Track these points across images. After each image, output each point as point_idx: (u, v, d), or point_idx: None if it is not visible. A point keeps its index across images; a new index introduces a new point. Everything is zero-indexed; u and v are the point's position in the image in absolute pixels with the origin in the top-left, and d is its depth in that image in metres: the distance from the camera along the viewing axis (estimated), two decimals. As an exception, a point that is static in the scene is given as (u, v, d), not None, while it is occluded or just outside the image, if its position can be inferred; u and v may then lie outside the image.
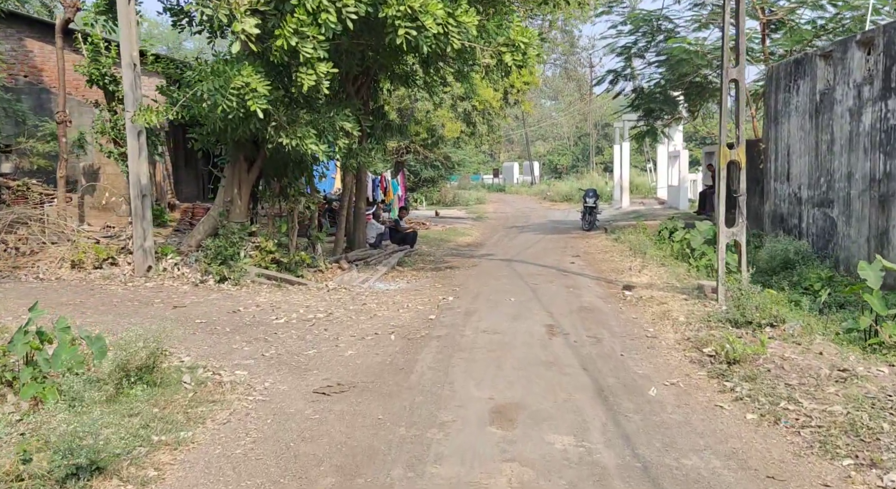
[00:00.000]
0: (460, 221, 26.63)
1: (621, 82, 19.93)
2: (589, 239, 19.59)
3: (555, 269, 13.66)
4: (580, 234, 21.30)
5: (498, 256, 16.43)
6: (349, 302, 10.35)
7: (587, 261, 14.84)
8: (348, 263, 13.93)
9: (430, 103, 23.19)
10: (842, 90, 12.59)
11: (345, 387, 6.15)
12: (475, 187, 51.68)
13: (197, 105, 10.64)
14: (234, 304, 9.74)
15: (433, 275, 13.70)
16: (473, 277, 13.00)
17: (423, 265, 15.24)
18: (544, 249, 17.41)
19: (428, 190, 38.67)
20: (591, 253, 16.41)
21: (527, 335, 8.09)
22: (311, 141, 10.95)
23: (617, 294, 10.83)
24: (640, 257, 14.53)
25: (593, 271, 13.37)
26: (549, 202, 38.19)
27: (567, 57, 50.02)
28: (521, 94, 25.31)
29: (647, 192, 36.36)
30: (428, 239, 19.96)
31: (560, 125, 66.37)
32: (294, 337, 8.02)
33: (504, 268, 14.14)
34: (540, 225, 25.28)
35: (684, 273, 12.28)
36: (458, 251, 17.92)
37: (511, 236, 21.46)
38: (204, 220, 12.87)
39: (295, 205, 12.71)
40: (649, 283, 11.47)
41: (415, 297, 10.88)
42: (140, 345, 5.58)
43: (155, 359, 5.86)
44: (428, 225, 23.50)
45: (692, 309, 9.23)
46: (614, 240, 18.14)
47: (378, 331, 8.42)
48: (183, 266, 11.88)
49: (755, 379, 6.13)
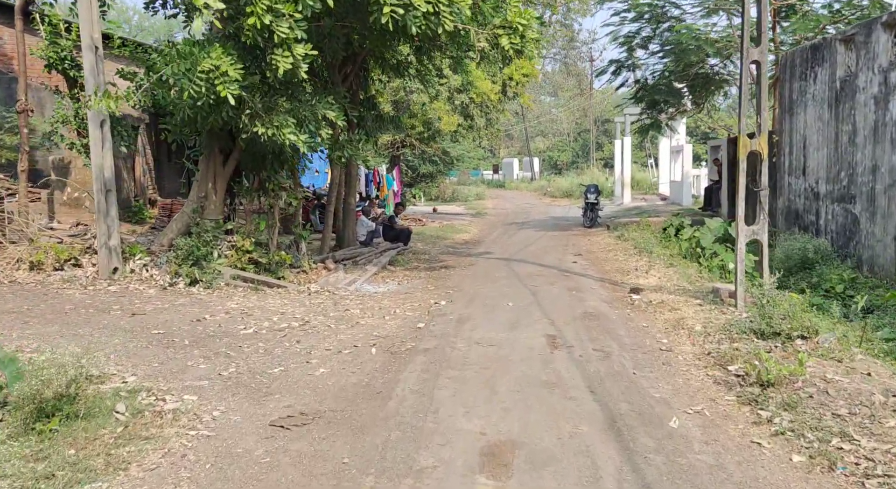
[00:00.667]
0: (458, 218, 25.60)
1: (624, 73, 18.89)
2: (591, 236, 18.55)
3: (556, 270, 12.63)
4: (581, 231, 20.27)
5: (496, 255, 15.40)
6: (330, 307, 9.32)
7: (590, 261, 13.81)
8: (335, 263, 12.90)
9: (425, 95, 22.15)
10: (865, 76, 11.54)
11: (308, 418, 5.13)
12: (474, 183, 50.65)
13: (162, 91, 9.61)
14: (202, 311, 8.71)
15: (426, 275, 12.67)
16: (469, 278, 11.98)
17: (416, 264, 14.22)
18: (544, 247, 16.38)
19: (426, 185, 37.63)
20: (593, 251, 15.38)
21: (526, 348, 7.07)
22: (289, 130, 9.93)
23: (624, 298, 9.80)
24: (645, 256, 13.49)
25: (597, 272, 12.34)
26: (549, 198, 37.14)
27: (567, 51, 48.92)
28: (520, 87, 24.26)
29: (648, 188, 35.31)
30: (423, 236, 18.93)
31: (560, 121, 65.27)
32: (261, 351, 7.00)
33: (502, 268, 13.11)
34: (540, 221, 24.24)
35: (695, 274, 11.25)
36: (455, 249, 16.89)
37: (510, 233, 20.43)
38: (177, 217, 11.84)
39: (275, 200, 11.67)
40: (658, 286, 10.45)
41: (404, 302, 9.86)
42: (53, 371, 4.55)
43: (77, 386, 4.83)
44: (424, 221, 22.47)
45: (709, 316, 8.21)
46: (617, 237, 17.10)
47: (358, 342, 7.40)
48: (152, 267, 10.86)
49: (795, 407, 5.10)
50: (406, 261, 14.46)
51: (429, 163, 36.50)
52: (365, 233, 15.08)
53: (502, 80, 23.46)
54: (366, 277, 12.12)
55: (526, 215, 27.21)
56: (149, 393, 5.61)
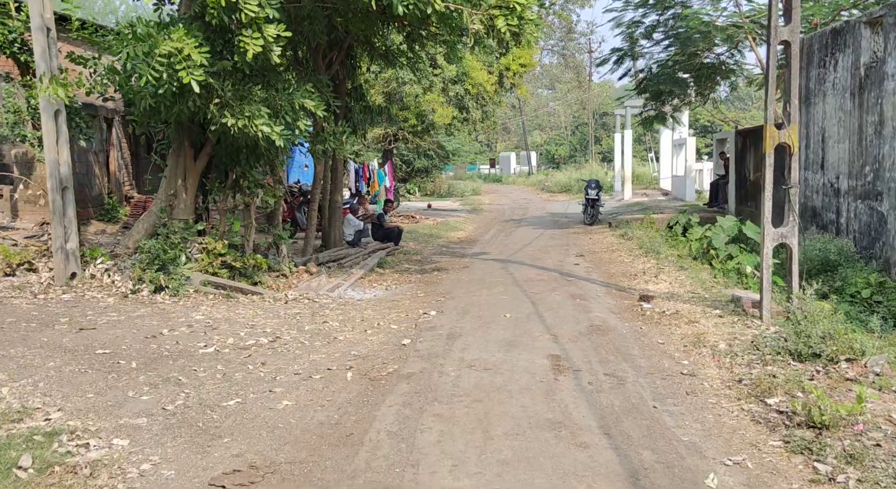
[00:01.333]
0: (454, 214, 24.58)
1: (627, 62, 17.83)
2: (592, 234, 17.54)
3: (557, 273, 11.62)
4: (582, 228, 19.26)
5: (492, 255, 14.39)
6: (307, 319, 8.31)
7: (593, 263, 12.80)
8: (318, 266, 11.88)
9: (419, 87, 21.10)
10: (895, 63, 10.52)
11: (259, 474, 4.12)
12: (471, 178, 49.63)
13: (119, 77, 8.58)
14: (161, 324, 7.70)
15: (417, 279, 11.67)
16: (463, 284, 10.97)
17: (407, 266, 13.21)
18: (544, 247, 15.37)
19: (421, 180, 36.58)
20: (596, 252, 14.37)
21: (526, 372, 6.06)
22: (262, 121, 8.90)
23: (633, 307, 8.80)
24: (653, 258, 12.49)
25: (601, 275, 11.33)
26: (547, 193, 36.13)
27: (565, 43, 47.78)
28: (518, 78, 23.23)
29: (649, 183, 34.29)
30: (416, 234, 17.91)
31: (557, 114, 64.20)
32: (218, 376, 5.98)
33: (499, 272, 12.10)
34: (538, 218, 23.22)
35: (709, 279, 10.26)
36: (449, 249, 15.88)
37: (507, 231, 19.42)
38: (144, 216, 10.81)
39: (251, 198, 10.64)
40: (670, 293, 9.45)
41: (389, 311, 8.85)
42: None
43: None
44: (418, 218, 21.45)
45: (732, 331, 7.21)
46: (621, 236, 16.09)
47: (333, 364, 6.40)
48: (115, 272, 9.82)
49: (862, 459, 4.11)
50: (396, 263, 13.44)
51: (424, 157, 35.44)
52: (352, 232, 14.05)
53: (499, 71, 22.44)
54: (350, 282, 11.10)
55: (523, 211, 26.20)
56: (71, 435, 4.61)
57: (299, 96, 9.43)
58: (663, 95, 17.59)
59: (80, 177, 13.95)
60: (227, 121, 8.84)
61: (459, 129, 22.61)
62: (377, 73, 21.49)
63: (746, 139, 17.64)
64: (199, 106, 8.99)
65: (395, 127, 22.45)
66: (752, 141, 17.25)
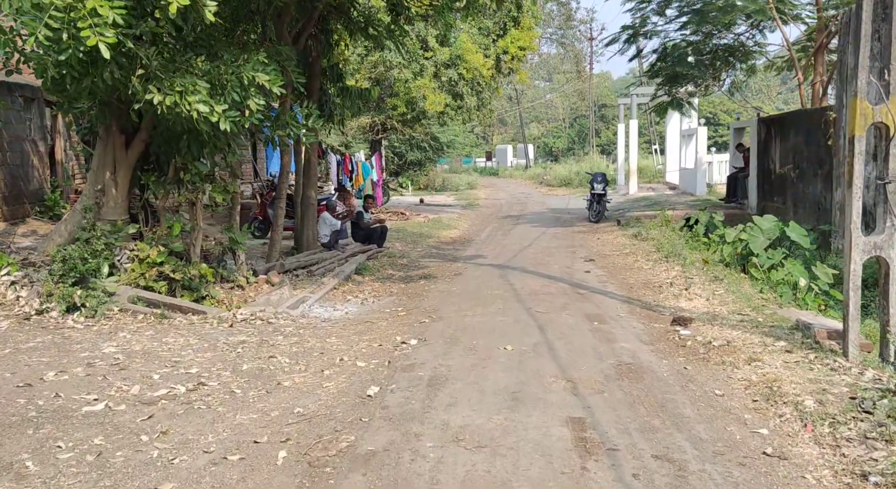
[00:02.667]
0: (447, 210, 22.62)
1: (639, 41, 15.85)
2: (600, 233, 15.61)
3: (565, 283, 9.69)
4: (587, 226, 17.32)
5: (489, 259, 12.45)
6: (250, 351, 6.37)
7: (607, 269, 10.87)
8: (283, 274, 9.95)
9: (408, 71, 19.11)
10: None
11: None
12: (466, 171, 47.67)
13: (4, 38, 6.61)
14: (53, 361, 5.76)
15: (400, 290, 9.74)
16: (454, 297, 9.04)
17: (390, 272, 11.28)
18: (547, 249, 13.44)
19: (414, 174, 34.60)
20: (607, 255, 12.44)
21: (539, 453, 4.13)
22: (198, 98, 6.96)
23: (667, 333, 6.88)
24: (676, 264, 10.58)
25: (619, 287, 9.41)
26: (545, 187, 34.16)
27: (564, 30, 45.70)
28: (517, 62, 21.24)
29: (653, 177, 32.31)
30: (404, 234, 15.96)
31: (555, 106, 62.19)
32: (89, 458, 4.05)
33: (496, 281, 10.17)
34: (538, 215, 21.28)
35: (754, 294, 8.34)
36: (440, 251, 13.93)
37: (505, 229, 17.48)
38: (67, 216, 8.86)
39: (195, 195, 8.68)
40: (710, 313, 7.53)
41: (359, 338, 6.92)
42: None
43: None
44: (408, 215, 19.49)
45: (815, 376, 5.29)
46: (633, 236, 14.16)
47: (264, 432, 4.47)
48: (23, 286, 7.87)
49: None
50: (377, 269, 11.50)
51: (417, 149, 33.44)
52: (328, 233, 12.09)
53: (496, 54, 20.46)
54: (319, 295, 9.16)
55: (522, 207, 24.25)
56: None
57: (250, 69, 7.47)
58: (679, 79, 15.63)
59: (12, 168, 11.97)
60: (152, 97, 6.89)
61: (453, 119, 20.62)
62: (363, 55, 19.53)
63: (771, 128, 15.71)
64: (119, 79, 7.04)
65: (382, 115, 20.46)
66: (777, 129, 15.32)
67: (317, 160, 12.24)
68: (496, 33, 20.27)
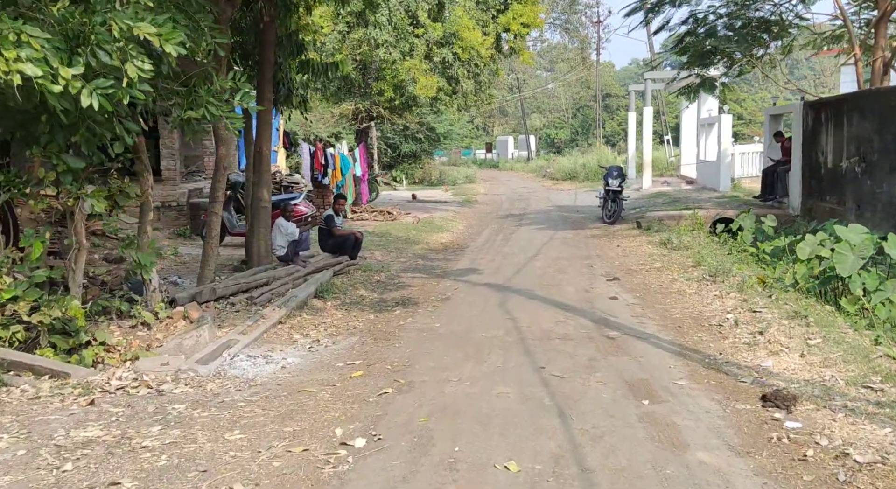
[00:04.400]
0: (441, 207, 20.01)
1: (666, 10, 13.20)
2: (618, 238, 13.00)
3: (587, 319, 7.10)
4: (602, 229, 14.72)
5: (485, 276, 9.87)
6: (87, 468, 3.81)
7: (638, 294, 8.26)
8: (216, 301, 7.41)
9: (396, 50, 16.46)
10: None
11: None
12: (465, 163, 45.03)
13: None
14: None
15: (365, 327, 7.19)
16: (435, 343, 6.46)
17: (361, 295, 8.73)
18: (557, 261, 10.84)
19: (409, 167, 31.93)
20: (633, 270, 9.83)
21: None
22: (31, 54, 4.40)
23: (763, 425, 4.30)
24: (729, 286, 8.00)
25: (662, 324, 6.81)
26: (549, 181, 31.49)
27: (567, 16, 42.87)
28: (520, 41, 18.59)
29: (664, 169, 29.61)
30: (388, 238, 13.38)
31: (557, 97, 59.38)
32: None
33: (493, 312, 7.58)
34: (543, 213, 18.65)
35: (867, 345, 5.72)
36: (427, 262, 11.36)
37: (506, 232, 14.88)
38: None
39: (73, 200, 6.10)
40: (815, 382, 4.94)
41: (276, 437, 4.32)
42: None
43: None
44: (395, 214, 16.89)
45: None
46: (661, 243, 11.56)
47: None
48: None
49: None
50: (345, 289, 8.93)
51: (411, 141, 30.79)
52: (284, 244, 9.50)
53: (496, 32, 17.79)
54: (252, 336, 6.60)
55: (524, 204, 21.62)
56: None
57: (124, 18, 4.89)
58: (712, 55, 12.99)
59: None
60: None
61: (447, 105, 18.00)
62: (344, 33, 16.90)
63: (821, 113, 13.07)
64: None
65: (367, 102, 17.84)
66: (831, 114, 12.68)
67: (271, 151, 9.67)
68: (496, 8, 17.61)
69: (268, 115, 9.39)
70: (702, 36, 12.89)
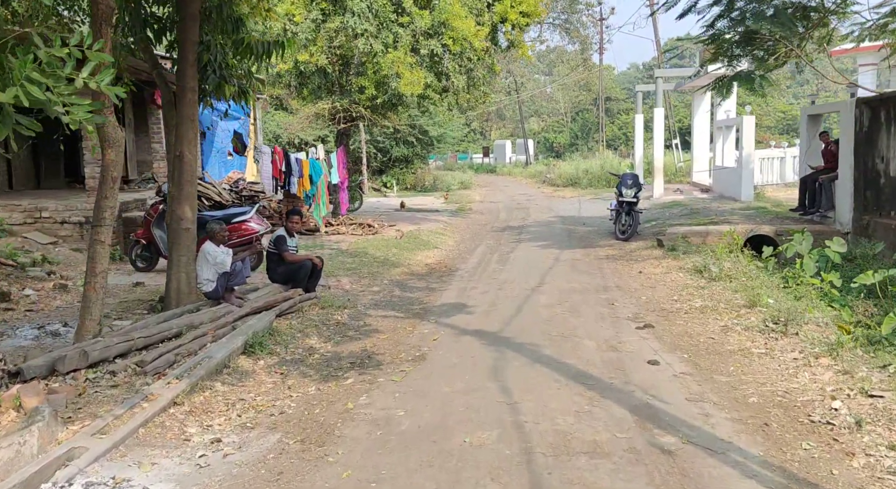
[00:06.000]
0: (431, 218, 17.65)
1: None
2: (639, 261, 10.63)
3: (625, 408, 4.71)
4: (615, 247, 12.35)
5: (475, 316, 7.50)
6: None
7: (686, 354, 5.88)
8: (75, 373, 5.07)
9: (377, 41, 14.12)
10: None
11: None
12: (461, 168, 42.67)
13: None
14: None
15: (298, 410, 4.85)
16: (393, 457, 4.09)
17: (308, 349, 6.40)
18: (567, 295, 8.47)
19: (400, 172, 29.58)
20: (670, 311, 7.45)
21: None
22: None
23: None
24: (809, 341, 5.66)
25: (738, 420, 4.43)
26: (549, 187, 29.12)
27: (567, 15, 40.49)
28: (518, 33, 16.25)
29: (673, 176, 27.23)
30: (362, 259, 11.03)
31: (556, 100, 57.03)
32: None
33: (484, 393, 5.20)
34: (546, 226, 16.29)
35: None
36: (405, 293, 9.00)
37: (503, 251, 12.52)
38: None
39: None
40: None
41: None
42: None
43: None
44: (377, 227, 14.52)
45: None
46: (695, 270, 9.19)
47: None
48: None
49: None
50: (289, 339, 6.58)
51: (403, 144, 28.47)
52: (212, 276, 7.12)
53: (491, 23, 15.44)
54: (113, 440, 4.24)
55: (523, 214, 19.26)
56: None
57: None
58: (753, 42, 10.64)
59: None
60: None
61: (437, 104, 15.65)
62: (319, 21, 14.54)
63: (881, 112, 10.75)
64: None
65: (345, 100, 15.47)
66: (894, 113, 10.36)
67: (197, 156, 7.29)
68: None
69: (190, 110, 7.03)
70: (737, 19, 10.55)
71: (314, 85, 15.87)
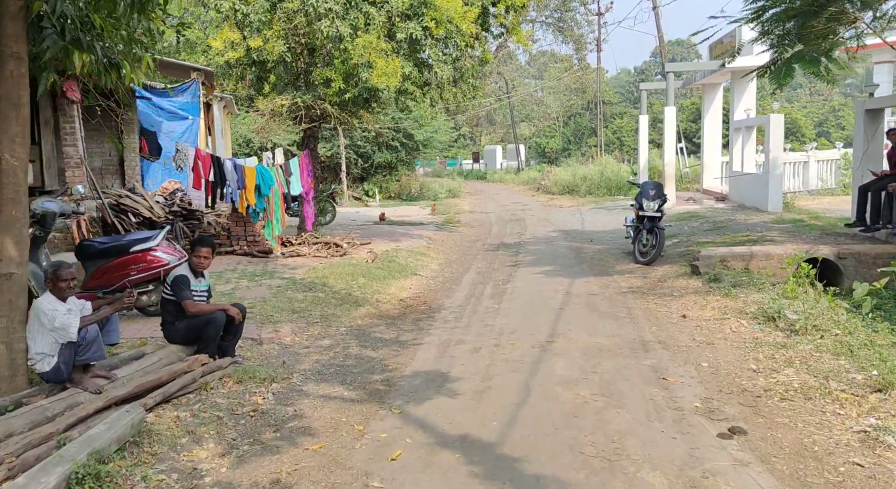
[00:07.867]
0: (414, 232, 15.05)
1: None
2: (675, 297, 8.04)
3: None
4: (637, 273, 9.78)
5: (460, 408, 4.90)
6: None
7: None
8: None
9: (344, 24, 11.55)
10: None
11: None
12: (449, 175, 40.16)
13: None
14: None
15: None
16: None
17: (189, 472, 3.75)
18: (594, 357, 5.87)
19: (383, 179, 27.00)
20: (755, 393, 4.86)
21: None
22: None
23: None
24: None
25: None
26: (544, 195, 26.56)
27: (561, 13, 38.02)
28: (513, 17, 13.71)
29: (678, 182, 24.70)
30: (318, 294, 8.41)
31: (547, 104, 54.60)
32: None
33: None
34: (546, 242, 13.71)
35: None
36: (365, 349, 6.39)
37: (498, 279, 9.93)
38: None
39: None
40: None
41: None
42: None
43: None
44: (346, 247, 11.87)
45: None
46: (765, 317, 6.60)
47: None
48: None
49: None
50: (168, 448, 4.01)
51: (386, 149, 25.89)
52: (49, 350, 4.50)
53: (481, 4, 12.88)
54: None
55: (520, 227, 16.68)
56: None
57: None
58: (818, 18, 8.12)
59: None
60: None
61: (418, 100, 13.06)
62: (274, 1, 11.99)
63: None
64: None
65: (309, 95, 12.85)
66: None
67: (27, 158, 4.75)
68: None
69: (12, 88, 4.42)
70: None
71: (275, 78, 13.31)
